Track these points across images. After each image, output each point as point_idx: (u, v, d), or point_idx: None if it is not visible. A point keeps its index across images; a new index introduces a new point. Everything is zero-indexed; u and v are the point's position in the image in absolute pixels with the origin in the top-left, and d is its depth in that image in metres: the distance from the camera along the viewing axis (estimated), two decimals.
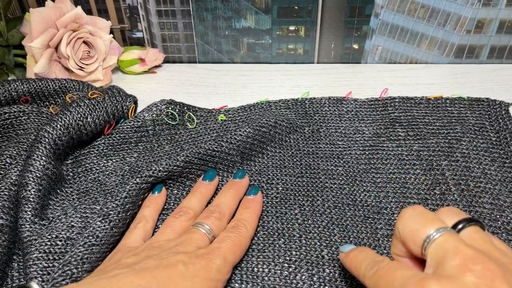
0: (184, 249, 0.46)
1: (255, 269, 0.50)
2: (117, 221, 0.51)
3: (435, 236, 0.35)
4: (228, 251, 0.48)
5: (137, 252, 0.47)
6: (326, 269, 0.50)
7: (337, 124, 0.67)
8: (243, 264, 0.50)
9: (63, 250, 0.50)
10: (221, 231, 0.51)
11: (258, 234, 0.53)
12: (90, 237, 0.48)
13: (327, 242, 0.52)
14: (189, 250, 0.46)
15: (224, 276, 0.47)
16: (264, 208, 0.56)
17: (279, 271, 0.50)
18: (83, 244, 0.48)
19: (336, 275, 0.49)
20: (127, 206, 0.52)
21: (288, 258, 0.51)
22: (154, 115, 0.66)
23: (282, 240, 0.53)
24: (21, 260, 0.51)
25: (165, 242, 0.48)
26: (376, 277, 0.38)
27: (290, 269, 0.50)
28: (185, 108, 0.68)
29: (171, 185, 0.58)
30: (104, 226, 0.50)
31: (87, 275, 0.46)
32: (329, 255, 0.51)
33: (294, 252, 0.51)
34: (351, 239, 0.53)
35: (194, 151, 0.58)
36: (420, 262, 0.39)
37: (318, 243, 0.52)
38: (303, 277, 0.49)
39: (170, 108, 0.66)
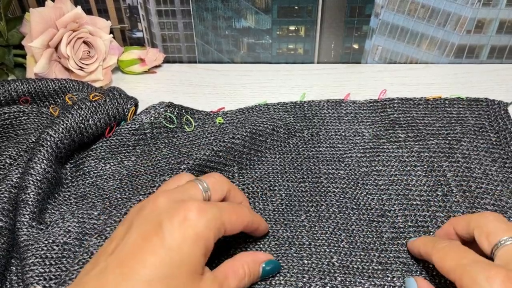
0: (169, 199, 0.43)
1: (273, 282, 0.49)
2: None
3: (507, 242, 0.41)
4: (224, 208, 0.44)
5: (126, 219, 0.44)
6: (338, 277, 0.49)
7: (337, 127, 0.67)
8: (261, 279, 0.50)
9: (59, 255, 0.50)
10: (219, 196, 0.47)
11: (271, 245, 0.53)
12: (85, 255, 0.48)
13: (335, 248, 0.52)
14: (176, 200, 0.42)
15: (214, 234, 0.42)
16: (272, 216, 0.56)
17: (294, 282, 0.49)
18: (77, 262, 0.47)
19: (347, 282, 0.49)
20: None
21: (301, 268, 0.50)
22: (152, 118, 0.66)
23: (294, 249, 0.52)
24: (19, 264, 0.51)
25: (155, 194, 0.45)
26: (446, 250, 0.43)
27: (304, 280, 0.49)
28: (183, 111, 0.68)
29: None
30: (99, 242, 0.49)
31: None
32: (339, 262, 0.51)
33: (306, 261, 0.51)
34: (358, 243, 0.53)
35: (194, 163, 0.57)
36: None
37: (328, 250, 0.52)
38: (317, 286, 0.49)
39: (168, 111, 0.66)
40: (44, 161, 0.55)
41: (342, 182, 0.59)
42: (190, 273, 0.40)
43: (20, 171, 0.56)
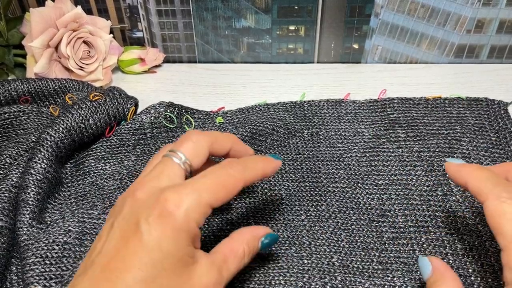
0: (146, 191, 0.40)
1: (273, 282, 0.49)
2: None
3: None
4: (205, 188, 0.40)
5: (113, 208, 0.42)
6: (338, 277, 0.49)
7: (337, 127, 0.67)
8: (261, 278, 0.50)
9: (60, 255, 0.50)
10: (201, 160, 0.44)
11: None
12: None
13: (335, 248, 0.52)
14: (153, 192, 0.40)
15: (197, 220, 0.39)
16: (272, 216, 0.56)
17: (294, 282, 0.49)
18: (80, 263, 0.48)
19: (347, 282, 0.49)
20: None
21: (301, 267, 0.50)
22: (152, 117, 0.66)
23: (294, 248, 0.52)
24: (20, 263, 0.51)
25: (135, 183, 0.43)
26: (485, 173, 0.42)
27: (304, 279, 0.49)
28: (183, 110, 0.68)
29: None
30: None
31: None
32: (339, 261, 0.51)
33: (306, 261, 0.51)
34: (358, 243, 0.53)
35: None
36: None
37: (328, 250, 0.52)
38: (317, 286, 0.49)
39: (168, 110, 0.66)
40: (45, 160, 0.55)
41: (342, 181, 0.59)
42: (177, 268, 0.38)
43: (21, 170, 0.56)
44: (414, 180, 0.59)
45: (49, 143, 0.57)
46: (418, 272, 0.49)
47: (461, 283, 0.42)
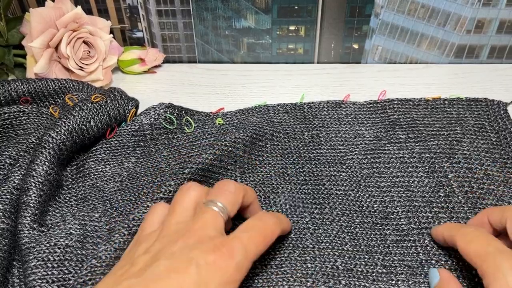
0: (196, 237, 0.42)
1: (276, 287, 0.49)
2: (121, 243, 0.50)
3: None
4: (250, 242, 0.43)
5: (149, 244, 0.43)
6: (342, 281, 0.49)
7: (337, 128, 0.67)
8: (264, 283, 0.50)
9: (61, 258, 0.49)
10: (236, 208, 0.47)
11: (274, 248, 0.53)
12: (94, 260, 0.48)
13: (339, 251, 0.52)
14: (202, 239, 0.42)
15: (243, 274, 0.42)
16: None
17: (298, 286, 0.49)
18: (86, 267, 0.47)
19: (352, 286, 0.49)
20: (133, 228, 0.51)
21: (304, 272, 0.50)
22: (152, 119, 0.65)
23: (297, 252, 0.52)
24: (21, 266, 0.51)
25: (176, 227, 0.44)
26: (472, 235, 0.44)
27: (308, 284, 0.49)
28: (183, 112, 0.68)
29: None
30: (109, 249, 0.49)
31: None
32: (343, 265, 0.51)
33: (309, 265, 0.51)
34: (362, 246, 0.53)
35: (197, 167, 0.57)
36: None
37: (331, 253, 0.52)
38: None
39: (168, 112, 0.66)
40: (46, 163, 0.55)
41: (344, 184, 0.59)
42: None
43: (22, 172, 0.56)
44: (416, 182, 0.59)
45: (51, 145, 0.57)
46: (423, 275, 0.50)
47: None
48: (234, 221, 0.51)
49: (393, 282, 0.49)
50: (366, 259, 0.51)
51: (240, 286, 0.43)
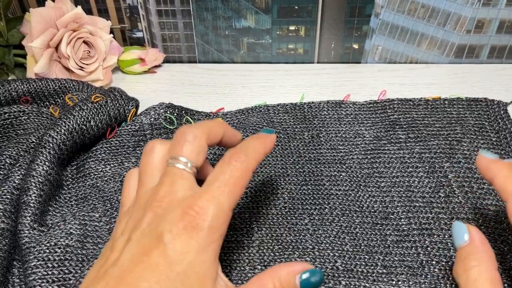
0: (164, 206, 0.39)
1: None
2: None
3: None
4: (221, 193, 0.39)
5: (125, 223, 0.41)
6: (342, 281, 0.49)
7: (337, 128, 0.67)
8: None
9: (62, 258, 0.50)
10: (203, 156, 0.42)
11: (274, 249, 0.53)
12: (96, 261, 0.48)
13: (339, 252, 0.52)
14: (171, 206, 0.39)
15: (222, 229, 0.39)
16: (275, 220, 0.56)
17: None
18: (88, 268, 0.48)
19: (352, 287, 0.49)
20: None
21: None
22: (152, 119, 0.65)
23: (297, 253, 0.52)
24: (21, 266, 0.51)
25: (144, 198, 0.41)
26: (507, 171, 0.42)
27: None
28: (183, 112, 0.68)
29: None
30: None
31: None
32: (343, 265, 0.51)
33: None
34: (362, 247, 0.53)
35: None
36: None
37: (331, 254, 0.52)
38: None
39: (168, 112, 0.66)
40: (46, 163, 0.55)
41: (344, 184, 0.59)
42: (198, 285, 0.37)
43: (22, 172, 0.56)
44: (416, 182, 0.59)
45: (51, 145, 0.57)
46: (423, 276, 0.49)
47: (496, 263, 0.40)
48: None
49: (394, 282, 0.49)
50: (366, 260, 0.51)
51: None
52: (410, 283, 0.49)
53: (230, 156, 0.42)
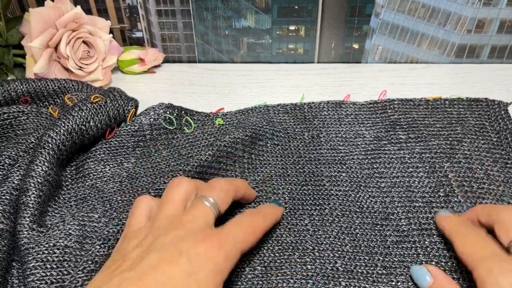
0: (186, 230, 0.44)
1: None
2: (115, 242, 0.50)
3: None
4: (239, 233, 0.45)
5: (140, 239, 0.44)
6: (342, 282, 0.49)
7: (337, 129, 0.66)
8: (264, 285, 0.49)
9: (60, 259, 0.49)
10: (227, 205, 0.49)
11: (274, 249, 0.53)
12: (89, 262, 0.48)
13: (339, 253, 0.52)
14: (193, 231, 0.44)
15: (232, 264, 0.44)
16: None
17: None
18: (82, 269, 0.48)
19: (352, 287, 0.49)
20: None
21: (305, 273, 0.50)
22: (152, 119, 0.65)
23: (297, 254, 0.52)
24: (20, 267, 0.51)
25: (166, 220, 0.45)
26: (468, 238, 0.46)
27: (308, 285, 0.49)
28: (183, 112, 0.68)
29: None
30: (103, 252, 0.49)
31: None
32: (343, 266, 0.51)
33: (309, 266, 0.51)
34: (362, 247, 0.52)
35: (196, 169, 0.57)
36: None
37: (331, 254, 0.52)
38: None
39: (167, 112, 0.66)
40: (46, 163, 0.55)
41: (345, 185, 0.59)
42: None
43: (22, 173, 0.56)
44: (416, 182, 0.59)
45: (50, 145, 0.56)
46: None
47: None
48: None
49: (393, 283, 0.49)
50: (366, 260, 0.51)
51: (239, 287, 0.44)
52: (410, 283, 0.49)
53: (250, 213, 0.50)
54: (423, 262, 0.50)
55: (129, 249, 0.44)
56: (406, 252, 0.52)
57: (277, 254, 0.52)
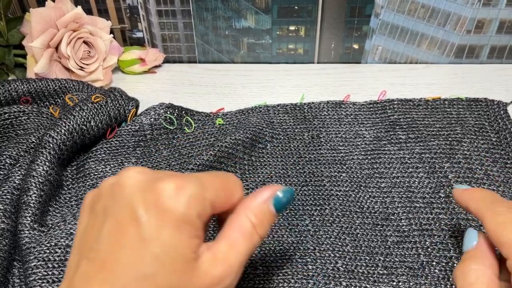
0: (142, 175, 0.36)
1: None
2: None
3: None
4: (208, 184, 0.36)
5: (100, 198, 0.37)
6: (343, 282, 0.49)
7: (337, 129, 0.66)
8: (265, 285, 0.50)
9: (62, 258, 0.49)
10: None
11: (275, 250, 0.53)
12: None
13: (340, 253, 0.52)
14: (150, 176, 0.36)
15: (199, 214, 0.35)
16: (276, 221, 0.56)
17: None
18: None
19: (353, 287, 0.49)
20: None
21: (305, 273, 0.50)
22: (152, 119, 0.65)
23: (298, 254, 0.52)
24: (22, 266, 0.51)
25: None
26: (506, 218, 0.39)
27: (309, 285, 0.49)
28: (183, 112, 0.68)
29: None
30: None
31: None
32: (344, 266, 0.51)
33: (310, 266, 0.51)
34: (362, 248, 0.53)
35: (197, 169, 0.57)
36: None
37: (332, 255, 0.52)
38: None
39: (168, 112, 0.66)
40: (47, 163, 0.55)
41: (345, 185, 0.59)
42: (179, 264, 0.34)
43: (23, 172, 0.56)
44: (416, 183, 0.59)
45: (51, 145, 0.57)
46: (423, 277, 0.50)
47: (497, 271, 0.40)
48: None
49: (394, 283, 0.49)
50: (367, 261, 0.51)
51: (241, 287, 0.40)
52: (411, 284, 0.49)
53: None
54: (424, 262, 0.51)
55: (93, 215, 0.37)
56: (407, 253, 0.52)
57: (278, 254, 0.52)
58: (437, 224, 0.54)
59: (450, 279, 0.49)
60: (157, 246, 0.33)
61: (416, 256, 0.51)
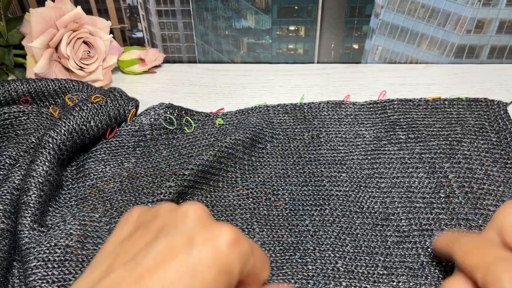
0: (204, 214, 0.37)
1: None
2: None
3: None
4: (255, 250, 0.37)
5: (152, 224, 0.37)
6: (343, 282, 0.49)
7: (337, 129, 0.66)
8: (265, 285, 0.50)
9: (62, 258, 0.49)
10: None
11: (275, 250, 0.53)
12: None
13: (340, 253, 0.52)
14: (209, 217, 0.37)
15: (239, 271, 0.35)
16: (276, 221, 0.56)
17: None
18: (82, 268, 0.48)
19: (353, 287, 0.49)
20: None
21: (305, 273, 0.50)
22: (152, 119, 0.65)
23: (298, 254, 0.52)
24: (21, 267, 0.51)
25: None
26: (468, 246, 0.40)
27: (309, 285, 0.49)
28: (183, 112, 0.68)
29: None
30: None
31: None
32: (344, 266, 0.51)
33: (310, 267, 0.51)
34: (362, 248, 0.53)
35: (198, 169, 0.57)
36: None
37: (332, 255, 0.52)
38: None
39: (168, 112, 0.66)
40: (46, 163, 0.55)
41: (345, 185, 0.59)
42: None
43: (22, 173, 0.56)
44: (416, 183, 0.59)
45: (51, 145, 0.57)
46: (423, 277, 0.50)
47: None
48: None
49: (394, 283, 0.49)
50: (367, 261, 0.51)
51: None
52: (411, 284, 0.49)
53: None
54: (424, 262, 0.51)
55: (137, 232, 0.37)
56: (407, 253, 0.52)
57: (278, 255, 0.52)
58: (437, 224, 0.54)
59: None
60: (199, 281, 0.33)
61: (416, 256, 0.51)
